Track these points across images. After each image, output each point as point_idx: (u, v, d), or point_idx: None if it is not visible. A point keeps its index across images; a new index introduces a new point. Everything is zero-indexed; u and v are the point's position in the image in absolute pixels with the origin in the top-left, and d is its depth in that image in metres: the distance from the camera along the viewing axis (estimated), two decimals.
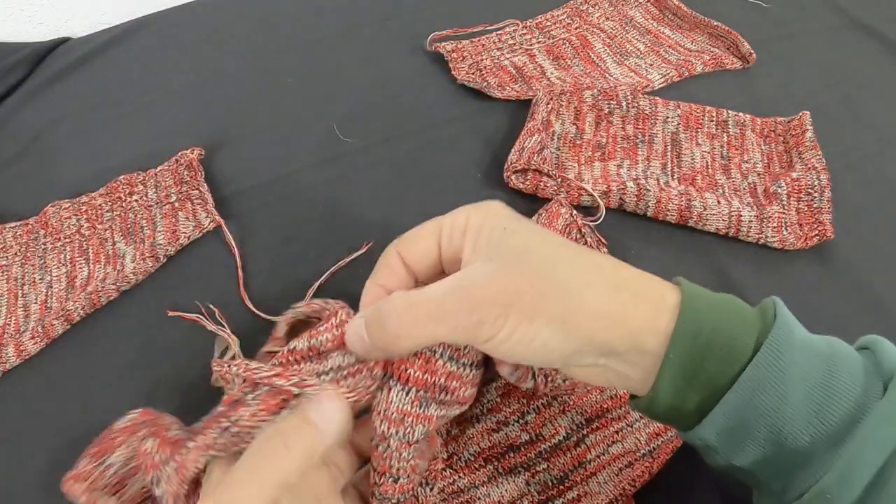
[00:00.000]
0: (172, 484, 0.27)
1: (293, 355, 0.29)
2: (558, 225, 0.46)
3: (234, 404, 0.27)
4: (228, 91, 0.62)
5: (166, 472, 0.27)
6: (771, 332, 0.25)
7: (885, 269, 0.46)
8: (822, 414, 0.24)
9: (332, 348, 0.28)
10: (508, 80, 0.60)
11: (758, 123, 0.54)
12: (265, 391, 0.27)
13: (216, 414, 0.28)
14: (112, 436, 0.33)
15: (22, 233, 0.50)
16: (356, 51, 0.65)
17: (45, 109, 0.62)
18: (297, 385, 0.27)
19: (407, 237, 0.30)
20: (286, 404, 0.27)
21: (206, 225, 0.49)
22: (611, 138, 0.54)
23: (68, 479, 0.32)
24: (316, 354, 0.28)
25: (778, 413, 0.24)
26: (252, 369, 0.27)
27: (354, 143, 0.56)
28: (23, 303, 0.47)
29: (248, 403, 0.27)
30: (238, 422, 0.26)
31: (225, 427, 0.26)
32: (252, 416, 0.26)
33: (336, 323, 0.28)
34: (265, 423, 0.26)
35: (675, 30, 0.65)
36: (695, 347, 0.25)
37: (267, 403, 0.27)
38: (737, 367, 0.24)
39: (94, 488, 0.32)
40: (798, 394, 0.24)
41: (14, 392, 0.43)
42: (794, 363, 0.24)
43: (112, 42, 0.68)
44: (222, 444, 0.26)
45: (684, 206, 0.47)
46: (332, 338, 0.28)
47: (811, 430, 0.24)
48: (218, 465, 0.27)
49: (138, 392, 0.41)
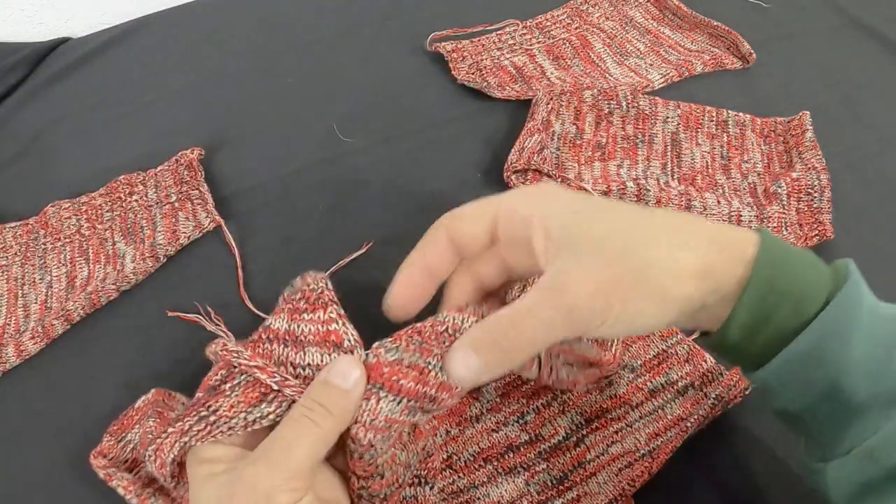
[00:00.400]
0: (155, 466, 0.27)
1: (267, 333, 0.28)
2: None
3: (212, 392, 0.27)
4: (228, 91, 0.62)
5: (149, 452, 0.28)
6: (842, 289, 0.25)
7: (885, 269, 0.46)
8: (881, 374, 0.24)
9: (312, 342, 0.28)
10: (508, 80, 0.60)
11: (758, 123, 0.54)
12: (244, 381, 0.27)
13: (194, 401, 0.27)
14: (131, 414, 0.37)
15: (22, 233, 0.50)
16: (356, 51, 0.65)
17: (45, 109, 0.62)
18: (278, 384, 0.27)
19: (459, 216, 0.30)
20: (265, 398, 0.27)
21: (206, 225, 0.49)
22: (611, 138, 0.54)
23: (93, 454, 0.35)
24: (293, 340, 0.28)
25: (840, 366, 0.25)
26: (230, 352, 0.27)
27: (354, 143, 0.56)
28: (23, 303, 0.47)
29: (227, 394, 0.27)
30: (217, 411, 0.26)
31: (203, 416, 0.26)
32: (231, 407, 0.26)
33: (323, 318, 0.28)
34: (244, 414, 0.26)
35: (675, 30, 0.65)
36: (769, 294, 0.25)
37: (247, 396, 0.27)
38: (805, 316, 0.25)
39: (114, 464, 0.34)
40: (861, 350, 0.24)
41: (14, 392, 0.43)
42: (860, 320, 0.25)
43: (112, 42, 0.68)
44: (198, 430, 0.26)
45: (684, 206, 0.47)
46: (314, 332, 0.28)
47: (869, 388, 0.24)
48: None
49: (138, 392, 0.41)
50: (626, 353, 0.42)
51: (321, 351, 0.27)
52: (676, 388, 0.40)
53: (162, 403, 0.37)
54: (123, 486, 0.33)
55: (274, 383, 0.26)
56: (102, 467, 0.34)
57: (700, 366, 0.40)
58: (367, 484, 0.28)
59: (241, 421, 0.26)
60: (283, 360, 0.27)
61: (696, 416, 0.37)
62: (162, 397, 0.38)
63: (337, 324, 0.28)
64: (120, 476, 0.34)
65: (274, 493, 0.24)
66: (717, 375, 0.39)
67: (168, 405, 0.38)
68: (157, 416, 0.35)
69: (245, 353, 0.27)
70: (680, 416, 0.38)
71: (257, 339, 0.28)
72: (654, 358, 0.41)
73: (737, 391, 0.38)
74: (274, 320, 0.29)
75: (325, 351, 0.27)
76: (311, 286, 0.29)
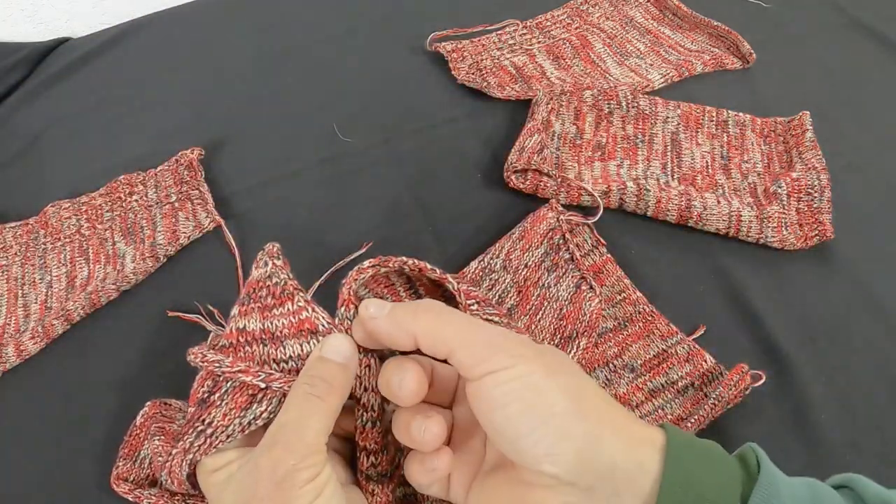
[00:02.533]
0: (173, 485, 0.28)
1: (244, 336, 0.28)
2: (540, 229, 0.46)
3: (203, 405, 0.27)
4: (228, 91, 0.62)
5: (164, 477, 0.29)
6: (756, 487, 0.24)
7: (885, 269, 0.46)
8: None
9: (289, 335, 0.28)
10: (508, 80, 0.60)
11: (758, 123, 0.54)
12: (231, 388, 0.27)
13: (189, 417, 0.28)
14: (135, 432, 0.37)
15: (22, 233, 0.50)
16: (356, 51, 0.65)
17: (45, 109, 0.62)
18: (265, 381, 0.27)
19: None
20: (254, 399, 0.27)
21: (206, 225, 0.49)
22: (611, 138, 0.54)
23: (114, 481, 0.36)
24: (270, 338, 0.28)
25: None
26: (211, 362, 0.27)
27: (354, 143, 0.56)
28: (23, 303, 0.47)
29: (217, 404, 0.27)
30: (212, 423, 0.27)
31: (200, 430, 0.27)
32: (224, 416, 0.27)
33: (292, 309, 0.28)
34: (238, 420, 0.27)
35: (675, 30, 0.65)
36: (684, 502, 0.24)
37: (237, 401, 0.27)
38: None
39: (137, 484, 0.36)
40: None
41: (14, 392, 0.43)
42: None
43: (112, 42, 0.68)
44: (198, 446, 0.27)
45: (684, 206, 0.47)
46: (288, 325, 0.28)
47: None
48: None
49: (138, 392, 0.41)
50: (625, 354, 0.42)
51: (299, 341, 0.28)
52: (677, 388, 0.40)
53: (160, 416, 0.38)
54: (155, 502, 0.34)
55: (260, 381, 0.27)
56: (128, 492, 0.35)
57: (700, 365, 0.40)
58: (378, 460, 0.28)
59: (237, 426, 0.27)
60: (265, 359, 0.28)
61: (697, 415, 0.37)
62: (158, 410, 0.38)
63: (307, 311, 0.28)
64: (147, 494, 0.35)
65: (294, 472, 0.24)
66: (717, 375, 0.39)
67: (167, 416, 0.38)
68: (160, 433, 0.35)
69: (226, 361, 0.27)
70: (680, 415, 0.38)
71: (235, 343, 0.28)
72: (654, 358, 0.41)
73: (737, 391, 0.37)
74: (247, 321, 0.29)
75: (303, 340, 0.28)
76: (274, 279, 0.29)
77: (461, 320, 0.26)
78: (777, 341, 0.42)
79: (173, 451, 0.28)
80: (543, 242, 0.46)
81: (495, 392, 0.24)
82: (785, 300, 0.44)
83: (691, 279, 0.46)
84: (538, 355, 0.25)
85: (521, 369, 0.24)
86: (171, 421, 0.37)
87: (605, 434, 0.24)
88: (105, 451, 0.39)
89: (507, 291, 0.45)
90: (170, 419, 0.37)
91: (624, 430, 0.25)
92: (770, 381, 0.40)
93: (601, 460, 0.24)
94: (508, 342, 0.26)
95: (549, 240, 0.46)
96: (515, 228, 0.47)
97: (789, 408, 0.39)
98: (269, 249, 0.30)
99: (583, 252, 0.46)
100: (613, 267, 0.45)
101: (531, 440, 0.24)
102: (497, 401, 0.24)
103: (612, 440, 0.24)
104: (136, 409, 0.39)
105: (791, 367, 0.40)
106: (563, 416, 0.24)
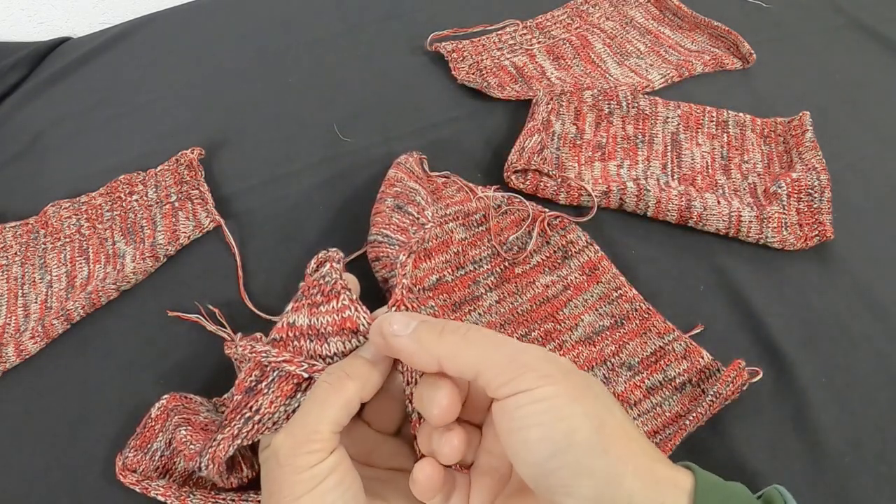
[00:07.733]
0: (212, 471, 0.30)
1: (293, 331, 0.29)
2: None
3: (251, 393, 0.29)
4: (228, 91, 0.62)
5: (204, 461, 0.30)
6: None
7: (885, 269, 0.46)
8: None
9: (332, 333, 0.29)
10: (508, 80, 0.60)
11: (758, 124, 0.54)
12: (277, 377, 0.28)
13: (236, 405, 0.29)
14: (150, 424, 0.39)
15: (22, 233, 0.50)
16: (356, 51, 0.65)
17: (45, 109, 0.62)
18: (307, 371, 0.28)
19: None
20: (299, 388, 0.28)
21: (206, 225, 0.49)
22: (611, 138, 0.54)
23: (121, 471, 0.36)
24: (316, 334, 0.29)
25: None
26: (259, 352, 0.29)
27: (354, 143, 0.56)
28: (23, 302, 0.47)
29: (265, 392, 0.28)
30: (259, 410, 0.28)
31: (248, 417, 0.28)
32: (271, 403, 0.28)
33: (337, 307, 0.29)
34: (284, 407, 0.28)
35: (675, 30, 0.65)
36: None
37: (282, 389, 0.28)
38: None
39: (145, 476, 0.37)
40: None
41: (14, 392, 0.43)
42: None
43: (112, 42, 0.68)
44: (247, 432, 0.28)
45: (684, 207, 0.47)
46: (332, 322, 0.29)
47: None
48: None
49: (138, 392, 0.41)
50: (623, 351, 0.42)
51: (341, 339, 0.28)
52: (674, 385, 0.40)
53: (183, 408, 0.38)
54: (162, 494, 0.35)
55: (303, 371, 0.28)
56: (136, 482, 0.36)
57: (697, 362, 0.40)
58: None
59: (282, 414, 0.28)
60: (311, 354, 0.29)
61: (695, 413, 0.37)
62: (179, 402, 0.39)
63: (350, 310, 0.29)
64: (156, 486, 0.36)
65: (293, 456, 0.25)
66: (714, 372, 0.39)
67: (189, 409, 0.39)
68: (186, 423, 0.37)
69: (272, 351, 0.28)
70: (678, 413, 0.38)
71: (285, 337, 0.30)
72: (651, 355, 0.41)
73: (735, 387, 0.37)
74: (297, 317, 0.30)
75: (344, 339, 0.28)
76: (326, 278, 0.30)
77: (486, 339, 0.26)
78: (777, 341, 0.42)
79: (219, 437, 0.29)
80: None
81: (517, 413, 0.24)
82: (785, 300, 0.44)
83: (691, 279, 0.46)
84: (565, 377, 0.25)
85: (546, 391, 0.24)
86: (196, 413, 0.38)
87: (628, 472, 0.23)
88: (105, 450, 0.39)
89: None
90: (194, 411, 0.38)
91: (647, 470, 0.24)
92: (770, 382, 0.40)
93: (620, 500, 0.23)
94: (537, 360, 0.25)
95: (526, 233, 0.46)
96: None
97: (789, 408, 0.39)
98: (331, 254, 0.31)
99: (577, 248, 0.46)
100: (608, 264, 0.45)
101: (548, 468, 0.23)
102: (518, 422, 0.24)
103: (633, 481, 0.23)
104: (135, 408, 0.40)
105: (791, 367, 0.40)
106: (583, 446, 0.23)
